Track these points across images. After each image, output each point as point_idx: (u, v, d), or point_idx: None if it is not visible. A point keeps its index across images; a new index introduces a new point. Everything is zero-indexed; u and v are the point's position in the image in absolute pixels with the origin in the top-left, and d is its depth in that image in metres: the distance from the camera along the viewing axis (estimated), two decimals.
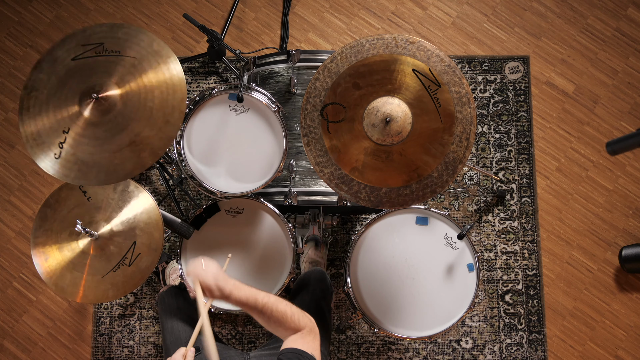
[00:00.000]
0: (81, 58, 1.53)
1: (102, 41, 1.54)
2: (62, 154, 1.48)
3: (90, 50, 1.53)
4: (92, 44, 1.53)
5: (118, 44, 1.54)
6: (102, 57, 1.53)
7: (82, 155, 1.49)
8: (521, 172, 2.38)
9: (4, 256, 2.40)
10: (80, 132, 1.49)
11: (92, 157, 1.49)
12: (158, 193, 2.39)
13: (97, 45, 1.53)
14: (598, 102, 2.42)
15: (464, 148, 1.47)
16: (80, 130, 1.50)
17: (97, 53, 1.53)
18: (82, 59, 1.53)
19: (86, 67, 1.52)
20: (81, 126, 1.50)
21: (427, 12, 2.52)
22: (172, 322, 1.76)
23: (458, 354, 2.27)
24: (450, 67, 1.48)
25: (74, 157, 1.49)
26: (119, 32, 1.55)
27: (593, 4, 2.48)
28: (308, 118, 1.51)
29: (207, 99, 1.76)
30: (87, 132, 1.49)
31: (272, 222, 1.85)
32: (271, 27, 2.52)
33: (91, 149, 1.49)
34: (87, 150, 1.49)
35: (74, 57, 1.52)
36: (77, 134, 1.49)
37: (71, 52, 1.53)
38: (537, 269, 2.31)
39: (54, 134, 1.49)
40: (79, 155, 1.49)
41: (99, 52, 1.53)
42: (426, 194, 1.50)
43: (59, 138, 1.49)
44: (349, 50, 1.50)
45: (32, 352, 2.33)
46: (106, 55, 1.53)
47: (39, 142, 1.49)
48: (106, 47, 1.53)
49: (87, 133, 1.49)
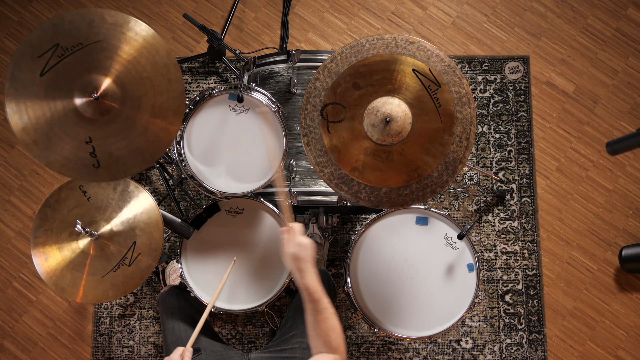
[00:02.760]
0: (49, 69, 1.44)
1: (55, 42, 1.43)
2: (99, 161, 1.46)
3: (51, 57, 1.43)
4: (47, 51, 1.43)
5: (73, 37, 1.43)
6: (69, 58, 1.44)
7: (118, 152, 1.47)
8: (521, 172, 2.38)
9: (4, 256, 2.40)
10: (102, 134, 1.47)
11: (128, 147, 1.47)
12: (158, 193, 2.39)
13: (53, 48, 1.43)
14: (598, 102, 2.42)
15: (464, 148, 1.47)
16: (100, 132, 1.47)
17: (60, 56, 1.44)
18: (50, 69, 1.44)
19: (61, 75, 1.45)
20: (99, 129, 1.47)
21: (427, 12, 2.52)
22: (173, 322, 1.76)
23: (458, 354, 2.27)
24: (450, 67, 1.48)
25: (112, 157, 1.47)
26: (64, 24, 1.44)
27: (593, 4, 2.48)
28: (308, 118, 1.51)
29: (207, 99, 1.75)
30: (108, 131, 1.48)
31: (272, 222, 1.85)
32: (271, 27, 2.52)
33: (122, 141, 1.47)
34: (119, 145, 1.47)
35: (42, 72, 1.43)
36: (100, 137, 1.47)
37: (34, 69, 1.42)
38: (537, 269, 2.31)
39: (80, 151, 1.46)
40: (116, 153, 1.47)
41: (61, 54, 1.44)
42: (426, 194, 1.50)
43: (86, 151, 1.46)
44: (348, 50, 1.50)
45: (32, 352, 2.33)
46: (71, 53, 1.44)
47: (71, 166, 1.46)
48: (63, 45, 1.42)
49: (109, 131, 1.48)
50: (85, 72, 1.46)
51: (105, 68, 1.47)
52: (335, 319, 1.32)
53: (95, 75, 1.47)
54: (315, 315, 1.32)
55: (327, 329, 1.30)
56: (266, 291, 1.81)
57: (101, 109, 1.47)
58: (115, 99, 1.48)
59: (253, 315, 2.30)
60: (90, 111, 1.47)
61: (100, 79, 1.47)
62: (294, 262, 1.36)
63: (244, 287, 1.81)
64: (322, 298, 1.33)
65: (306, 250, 1.37)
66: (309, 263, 1.36)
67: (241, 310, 1.79)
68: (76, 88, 1.46)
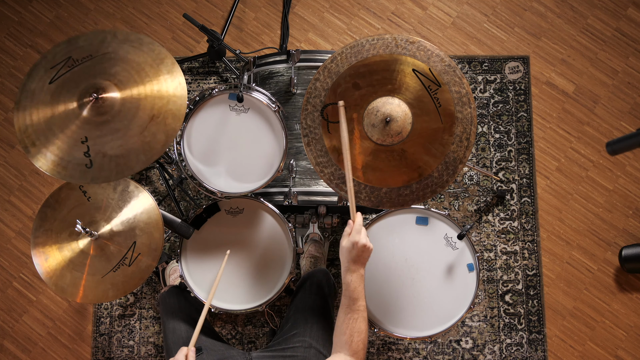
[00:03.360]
0: (58, 77, 1.51)
1: (68, 56, 1.53)
2: (92, 162, 1.46)
3: (62, 67, 1.52)
4: (59, 63, 1.52)
5: (85, 50, 1.54)
6: (78, 67, 1.52)
7: (112, 151, 1.47)
8: (521, 172, 2.38)
9: (4, 256, 2.40)
10: (98, 133, 1.47)
11: (123, 147, 1.47)
12: (158, 193, 2.39)
13: (65, 60, 1.53)
14: (598, 102, 2.42)
15: (464, 148, 1.47)
16: (97, 132, 1.48)
17: (70, 66, 1.52)
18: (59, 77, 1.51)
19: (67, 81, 1.51)
20: (95, 128, 1.48)
21: (427, 12, 2.52)
22: (173, 322, 1.76)
23: (458, 354, 2.27)
24: (451, 66, 1.48)
25: (106, 158, 1.47)
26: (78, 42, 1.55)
27: (593, 4, 2.48)
28: (308, 118, 1.51)
29: (207, 99, 1.75)
30: (104, 130, 1.48)
31: (272, 222, 1.85)
32: (271, 27, 2.52)
33: (117, 141, 1.47)
34: (114, 145, 1.47)
35: (51, 80, 1.51)
36: (96, 136, 1.47)
37: (45, 79, 1.51)
38: (537, 269, 2.31)
39: (74, 151, 1.47)
40: (110, 153, 1.47)
41: (71, 65, 1.52)
42: (426, 194, 1.50)
43: (80, 150, 1.47)
44: (349, 50, 1.50)
45: (32, 352, 2.33)
46: (80, 63, 1.52)
47: (64, 165, 1.46)
48: (75, 57, 1.53)
49: (105, 131, 1.48)
50: (91, 78, 1.51)
51: (110, 74, 1.51)
52: (364, 324, 1.35)
53: (99, 79, 1.50)
54: (348, 312, 1.35)
55: (353, 330, 1.33)
56: (266, 291, 1.81)
57: (99, 108, 1.48)
58: (113, 99, 1.49)
59: (253, 315, 2.30)
60: (88, 109, 1.48)
61: (103, 82, 1.50)
62: (345, 257, 1.38)
63: (244, 287, 1.81)
64: (359, 299, 1.36)
65: (360, 251, 1.37)
66: (359, 264, 1.37)
67: (241, 310, 1.79)
68: (80, 91, 1.49)
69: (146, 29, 2.53)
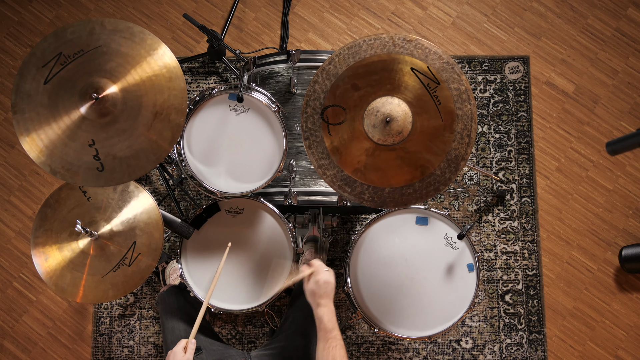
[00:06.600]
0: (52, 77, 1.48)
1: (58, 52, 1.49)
2: (103, 164, 1.45)
3: (54, 65, 1.48)
4: (50, 60, 1.48)
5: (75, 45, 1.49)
6: (71, 64, 1.48)
7: (121, 153, 1.46)
8: (521, 172, 2.38)
9: (4, 256, 2.40)
10: (105, 135, 1.46)
11: (131, 147, 1.46)
12: (158, 193, 2.39)
13: (56, 57, 1.48)
14: (598, 102, 2.42)
15: (465, 145, 1.47)
16: (103, 134, 1.46)
17: (63, 64, 1.48)
18: (53, 77, 1.48)
19: (63, 80, 1.48)
20: (101, 130, 1.47)
21: (427, 12, 2.52)
22: (172, 321, 1.76)
23: (458, 354, 2.27)
24: (449, 64, 1.47)
25: (116, 159, 1.46)
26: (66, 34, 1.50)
27: (593, 4, 2.48)
28: (309, 121, 1.51)
29: (207, 99, 1.75)
30: (110, 132, 1.47)
31: (272, 222, 1.85)
32: (271, 27, 2.52)
33: (125, 142, 1.46)
34: (122, 146, 1.46)
35: (45, 80, 1.47)
36: (103, 138, 1.46)
37: (38, 79, 1.46)
38: (537, 269, 2.31)
39: (82, 154, 1.46)
40: (119, 154, 1.46)
41: (63, 62, 1.48)
42: (429, 192, 1.49)
43: (89, 154, 1.45)
44: (346, 51, 1.50)
45: (32, 352, 2.33)
46: (73, 60, 1.48)
47: (73, 169, 1.45)
48: (66, 53, 1.49)
49: (112, 132, 1.47)
50: (87, 76, 1.48)
51: (106, 70, 1.49)
52: (343, 350, 1.40)
53: (96, 77, 1.48)
54: (326, 342, 1.41)
55: (335, 356, 1.38)
56: (266, 291, 1.81)
57: (101, 108, 1.47)
58: (114, 98, 1.48)
59: (253, 315, 2.30)
60: (90, 111, 1.47)
61: (100, 80, 1.48)
62: (312, 297, 1.46)
63: (244, 287, 1.81)
64: (334, 329, 1.42)
65: (324, 288, 1.45)
66: (327, 298, 1.45)
67: (241, 310, 1.79)
68: (78, 91, 1.47)
69: (146, 29, 2.51)
